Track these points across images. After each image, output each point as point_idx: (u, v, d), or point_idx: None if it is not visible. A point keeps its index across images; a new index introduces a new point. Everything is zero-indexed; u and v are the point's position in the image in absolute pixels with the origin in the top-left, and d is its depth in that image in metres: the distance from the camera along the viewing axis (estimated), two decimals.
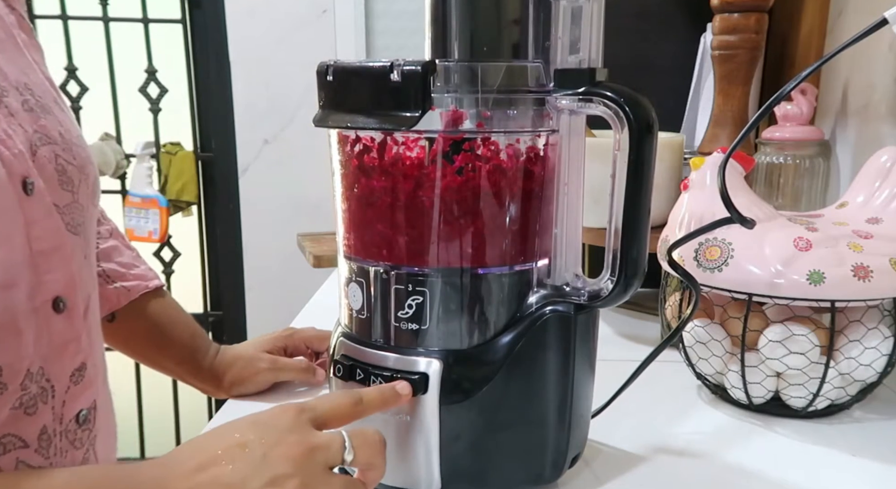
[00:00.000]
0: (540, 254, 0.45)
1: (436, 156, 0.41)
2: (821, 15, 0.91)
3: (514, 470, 0.46)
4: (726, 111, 0.86)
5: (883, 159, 0.61)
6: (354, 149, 0.44)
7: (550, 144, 0.44)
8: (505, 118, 0.42)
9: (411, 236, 0.43)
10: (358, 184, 0.44)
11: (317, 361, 0.66)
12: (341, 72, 0.43)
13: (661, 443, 0.55)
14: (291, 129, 1.89)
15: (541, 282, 0.46)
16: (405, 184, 0.42)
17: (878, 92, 0.80)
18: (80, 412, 0.45)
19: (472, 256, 0.43)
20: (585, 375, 0.47)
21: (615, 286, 0.44)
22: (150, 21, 1.89)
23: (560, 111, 0.43)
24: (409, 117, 0.40)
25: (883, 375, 0.58)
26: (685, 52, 1.01)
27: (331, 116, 0.44)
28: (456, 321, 0.44)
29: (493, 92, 0.41)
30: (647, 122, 0.41)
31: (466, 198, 0.42)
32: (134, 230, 1.96)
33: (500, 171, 0.42)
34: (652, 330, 0.82)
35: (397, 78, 0.40)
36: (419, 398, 0.43)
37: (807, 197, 0.84)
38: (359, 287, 0.46)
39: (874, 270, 0.54)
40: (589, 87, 0.42)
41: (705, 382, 0.64)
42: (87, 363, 0.45)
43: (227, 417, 0.60)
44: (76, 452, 0.45)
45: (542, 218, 0.45)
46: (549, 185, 0.45)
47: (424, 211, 0.42)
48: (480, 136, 0.42)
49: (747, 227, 0.52)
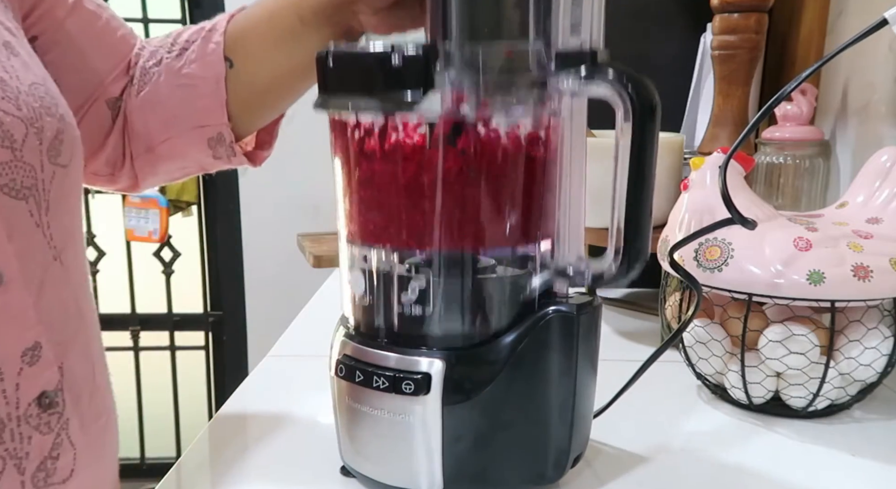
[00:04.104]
0: (543, 237, 0.46)
1: (437, 138, 0.41)
2: (821, 15, 0.91)
3: (516, 470, 0.46)
4: (726, 111, 0.86)
5: (883, 159, 0.61)
6: (355, 134, 0.44)
7: (552, 127, 0.44)
8: (506, 100, 0.42)
9: (414, 219, 0.43)
10: (359, 168, 0.44)
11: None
12: (342, 57, 0.43)
13: (661, 443, 0.56)
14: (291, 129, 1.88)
15: (544, 265, 0.46)
16: (407, 167, 0.42)
17: (878, 92, 0.80)
18: (41, 394, 0.42)
19: (475, 238, 0.43)
20: (588, 375, 0.47)
21: (619, 266, 0.44)
22: (151, 21, 1.89)
23: (561, 93, 0.43)
24: (410, 100, 0.40)
25: (883, 375, 0.58)
26: (685, 52, 1.01)
27: (331, 101, 0.44)
28: (459, 303, 0.44)
29: (494, 73, 0.41)
30: (650, 101, 0.41)
31: (468, 180, 0.42)
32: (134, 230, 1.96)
33: (502, 153, 0.42)
34: (652, 330, 0.82)
35: (398, 62, 0.40)
36: (421, 398, 0.44)
37: (807, 197, 0.84)
38: (361, 272, 0.46)
39: (874, 270, 0.54)
40: (590, 68, 0.42)
41: (705, 382, 0.64)
42: (43, 341, 0.42)
43: (227, 417, 0.61)
44: (42, 438, 0.42)
45: (545, 201, 0.45)
46: (552, 168, 0.45)
47: (426, 193, 0.42)
48: (482, 117, 0.42)
49: (748, 227, 0.53)
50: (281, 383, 0.67)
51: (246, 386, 0.67)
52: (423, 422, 0.44)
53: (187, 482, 0.52)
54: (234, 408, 0.62)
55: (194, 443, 0.56)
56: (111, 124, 0.58)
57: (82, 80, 0.56)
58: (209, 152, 0.59)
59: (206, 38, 0.56)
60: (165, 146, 0.58)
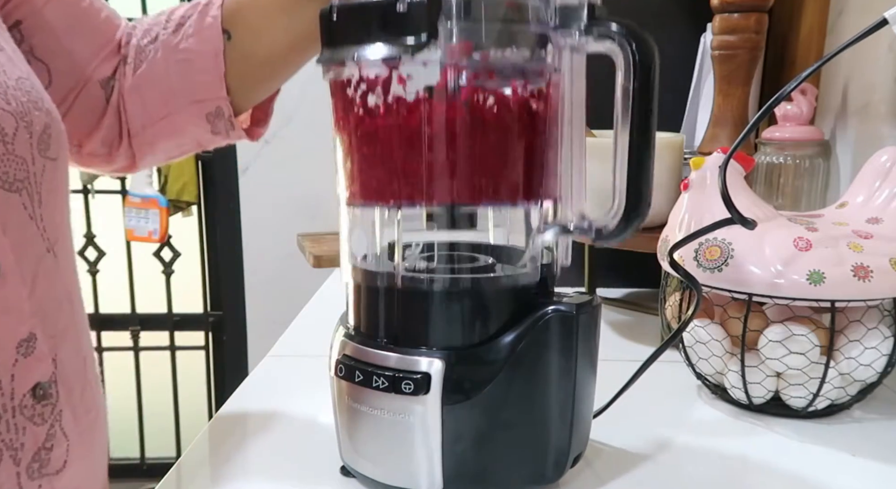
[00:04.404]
0: (546, 195, 0.46)
1: (440, 89, 0.42)
2: (821, 15, 0.91)
3: (516, 469, 0.46)
4: (726, 111, 0.86)
5: (883, 159, 0.61)
6: (358, 89, 0.44)
7: (553, 83, 0.44)
8: (507, 54, 0.43)
9: (416, 171, 0.43)
10: (361, 126, 0.44)
11: None
12: (346, 9, 0.43)
13: (661, 443, 0.56)
14: (291, 129, 1.89)
15: (547, 223, 0.46)
16: (409, 119, 0.42)
17: (878, 92, 0.80)
18: (36, 386, 0.42)
19: (477, 190, 0.44)
20: (587, 375, 0.47)
21: (620, 220, 0.44)
22: None
23: (561, 49, 0.44)
24: (414, 44, 0.40)
25: (883, 375, 0.58)
26: (685, 52, 1.01)
27: (335, 53, 0.44)
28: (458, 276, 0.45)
29: (496, 26, 0.42)
30: (650, 52, 0.41)
31: (470, 132, 0.42)
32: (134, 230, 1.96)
33: (503, 106, 0.43)
34: (652, 330, 0.82)
35: (403, 8, 0.40)
36: (421, 398, 0.43)
37: (807, 197, 0.84)
38: (363, 232, 0.46)
39: (874, 270, 0.54)
40: (589, 21, 0.42)
41: (705, 382, 0.64)
42: (38, 333, 0.43)
43: (227, 417, 0.61)
44: (37, 429, 0.43)
45: (547, 158, 0.45)
46: (553, 125, 0.45)
47: (428, 146, 0.43)
48: (483, 69, 0.42)
49: (748, 227, 0.53)
50: (281, 383, 0.67)
51: (246, 386, 0.67)
52: (423, 421, 0.44)
53: (187, 482, 0.52)
54: (234, 408, 0.62)
55: (194, 443, 0.56)
56: (105, 104, 0.58)
57: (70, 63, 0.56)
58: (207, 127, 0.58)
59: (202, 12, 0.56)
60: (164, 123, 0.58)
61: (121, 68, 0.58)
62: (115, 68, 0.58)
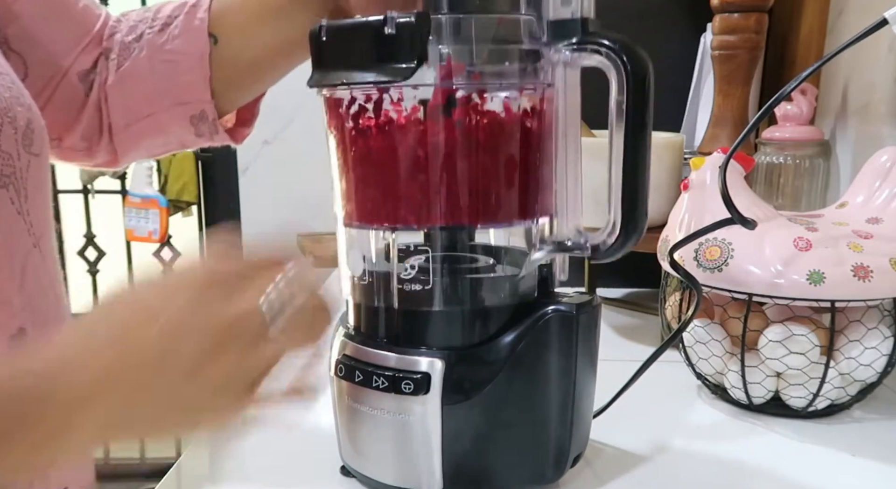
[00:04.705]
0: (541, 212, 0.46)
1: (432, 111, 0.42)
2: (821, 15, 0.91)
3: (516, 469, 0.46)
4: (726, 111, 0.86)
5: (883, 159, 0.61)
6: (350, 110, 0.44)
7: (546, 98, 0.44)
8: (499, 72, 0.42)
9: (411, 193, 0.43)
10: (355, 146, 0.44)
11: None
12: (335, 30, 0.43)
13: (661, 443, 0.56)
14: (291, 130, 1.89)
15: (543, 240, 0.46)
16: (402, 141, 0.42)
17: (878, 92, 0.80)
18: None
19: (473, 212, 0.44)
20: (587, 375, 0.47)
21: (616, 239, 0.43)
22: None
23: (555, 64, 0.43)
24: (404, 68, 0.40)
25: (883, 375, 0.58)
26: (685, 52, 1.01)
27: (325, 76, 0.44)
28: (457, 276, 0.44)
29: (487, 44, 0.42)
30: (643, 67, 0.41)
31: (464, 153, 0.42)
32: (134, 230, 1.96)
33: (497, 125, 0.43)
34: (652, 330, 0.82)
35: (391, 30, 0.40)
36: (421, 398, 0.43)
37: (807, 197, 0.84)
38: (360, 252, 0.46)
39: (874, 270, 0.54)
40: (582, 36, 0.42)
41: (705, 382, 0.64)
42: (28, 328, 0.43)
43: None
44: None
45: (542, 173, 0.45)
46: (548, 140, 0.45)
47: (422, 167, 0.42)
48: (476, 89, 0.42)
49: (748, 227, 0.53)
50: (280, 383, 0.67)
51: None
52: (423, 421, 0.44)
53: (187, 482, 0.52)
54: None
55: (194, 443, 0.56)
56: (84, 98, 0.57)
57: (46, 53, 0.55)
58: (191, 129, 0.58)
59: (189, 13, 0.56)
60: (147, 121, 0.57)
61: (102, 62, 0.57)
62: (96, 61, 0.57)
